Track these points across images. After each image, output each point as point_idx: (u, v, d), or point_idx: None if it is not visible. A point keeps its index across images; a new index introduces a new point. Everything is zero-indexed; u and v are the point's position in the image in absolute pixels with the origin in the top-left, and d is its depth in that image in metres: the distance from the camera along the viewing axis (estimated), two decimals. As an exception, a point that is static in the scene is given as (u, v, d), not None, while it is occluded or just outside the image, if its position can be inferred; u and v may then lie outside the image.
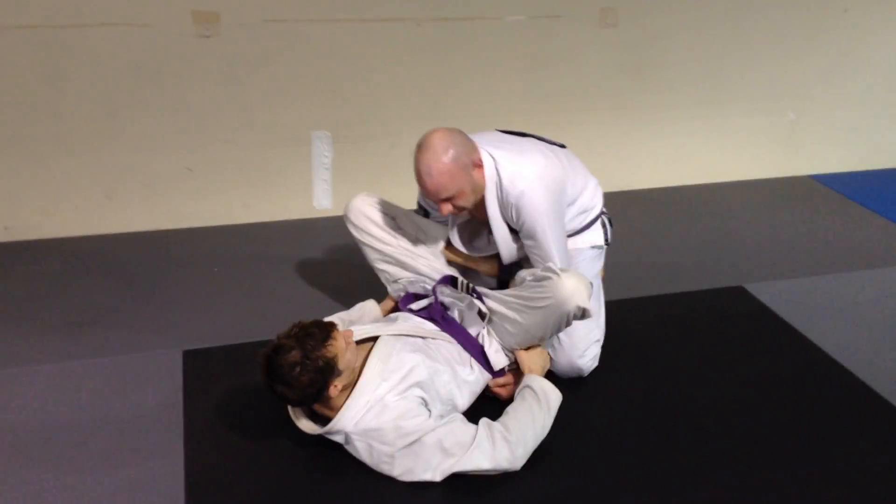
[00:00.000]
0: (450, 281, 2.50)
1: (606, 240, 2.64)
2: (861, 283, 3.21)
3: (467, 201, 2.32)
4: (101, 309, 2.93)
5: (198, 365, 2.60)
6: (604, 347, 2.67)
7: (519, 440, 2.11)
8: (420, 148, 2.27)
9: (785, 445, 2.31)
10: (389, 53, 3.46)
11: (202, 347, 2.70)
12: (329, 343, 2.07)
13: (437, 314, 2.39)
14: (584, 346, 2.50)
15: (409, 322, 2.37)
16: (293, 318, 2.61)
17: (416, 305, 2.49)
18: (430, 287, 2.51)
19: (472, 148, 2.30)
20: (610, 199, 3.85)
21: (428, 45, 3.49)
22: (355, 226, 2.61)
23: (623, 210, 3.80)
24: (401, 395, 2.14)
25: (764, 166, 4.15)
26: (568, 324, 2.29)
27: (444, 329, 2.36)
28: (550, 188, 2.35)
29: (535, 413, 2.17)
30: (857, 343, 2.79)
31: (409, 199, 2.85)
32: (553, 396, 2.24)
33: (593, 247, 2.60)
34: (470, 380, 2.32)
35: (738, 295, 3.08)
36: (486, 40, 3.54)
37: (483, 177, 2.32)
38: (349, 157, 3.59)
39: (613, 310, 2.90)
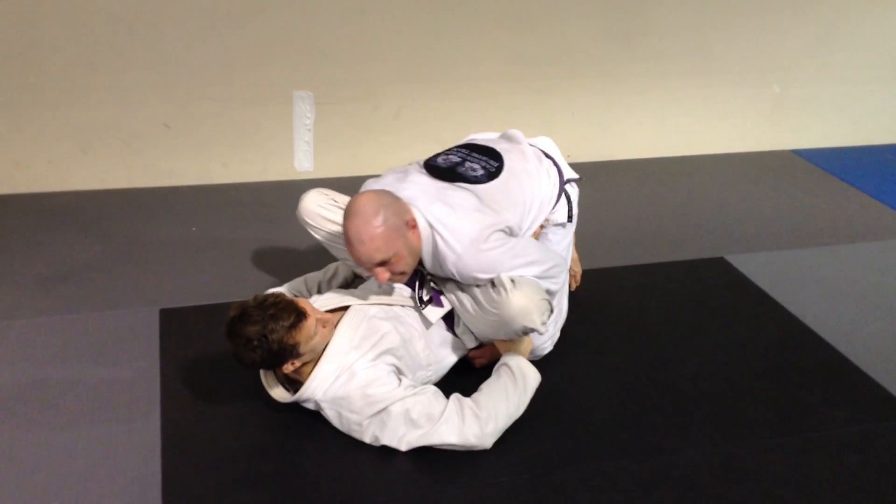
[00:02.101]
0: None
1: (570, 216, 2.50)
2: (841, 256, 3.23)
3: (406, 265, 2.13)
4: (76, 265, 2.87)
5: (175, 324, 2.57)
6: (585, 315, 2.67)
7: (489, 417, 2.08)
8: (348, 215, 2.08)
9: (762, 413, 2.33)
10: (374, 12, 3.40)
11: (179, 306, 2.66)
12: (295, 330, 2.02)
13: (413, 283, 2.32)
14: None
15: (385, 289, 2.32)
16: (271, 280, 2.60)
17: None
18: None
19: (404, 208, 2.12)
20: (593, 168, 3.89)
21: (414, 4, 3.42)
22: (315, 228, 2.41)
23: (606, 179, 3.80)
24: (371, 362, 2.11)
25: (746, 140, 4.15)
26: (519, 336, 2.19)
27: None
28: (492, 244, 2.15)
29: (508, 391, 2.14)
30: (836, 315, 2.81)
31: (390, 162, 2.81)
32: (531, 376, 2.18)
33: (556, 224, 2.49)
34: (448, 342, 2.30)
35: (719, 266, 3.09)
36: (473, 1, 3.49)
37: (419, 238, 2.14)
38: (331, 119, 3.53)
39: (595, 278, 2.90)
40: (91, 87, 3.23)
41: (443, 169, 2.29)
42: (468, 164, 2.31)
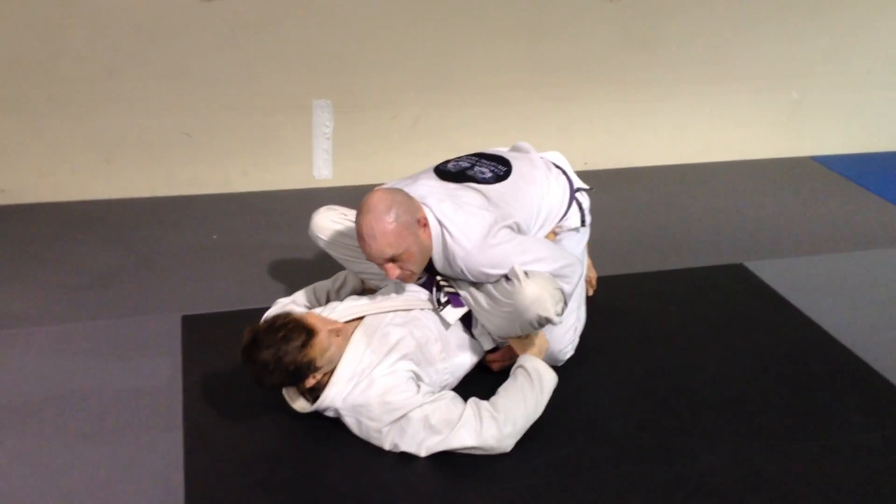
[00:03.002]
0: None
1: (583, 221, 2.53)
2: (861, 263, 3.22)
3: (415, 264, 2.17)
4: (98, 273, 2.91)
5: (197, 330, 2.59)
6: (604, 322, 2.67)
7: (507, 419, 2.09)
8: (361, 211, 2.12)
9: (782, 418, 2.32)
10: (393, 21, 3.43)
11: (201, 313, 2.68)
12: (308, 348, 2.04)
13: (431, 286, 2.35)
14: (559, 333, 2.41)
15: (402, 295, 2.34)
16: (291, 286, 2.63)
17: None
18: None
19: (415, 207, 2.17)
20: (612, 175, 3.90)
21: (431, 13, 3.45)
22: (327, 242, 2.46)
23: (625, 186, 3.80)
24: (389, 368, 2.13)
25: (765, 146, 4.14)
26: (534, 328, 2.18)
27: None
28: (500, 239, 2.19)
29: (525, 393, 2.15)
30: (856, 321, 2.79)
31: (409, 171, 2.82)
32: (547, 377, 2.20)
33: (570, 230, 2.51)
34: (466, 344, 2.30)
35: (738, 272, 3.08)
36: (491, 9, 3.51)
37: (429, 237, 2.18)
38: (350, 127, 3.56)
39: (614, 285, 2.91)
40: (113, 98, 3.27)
41: (452, 173, 2.35)
42: (477, 168, 2.38)
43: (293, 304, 2.47)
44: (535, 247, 2.25)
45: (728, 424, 2.29)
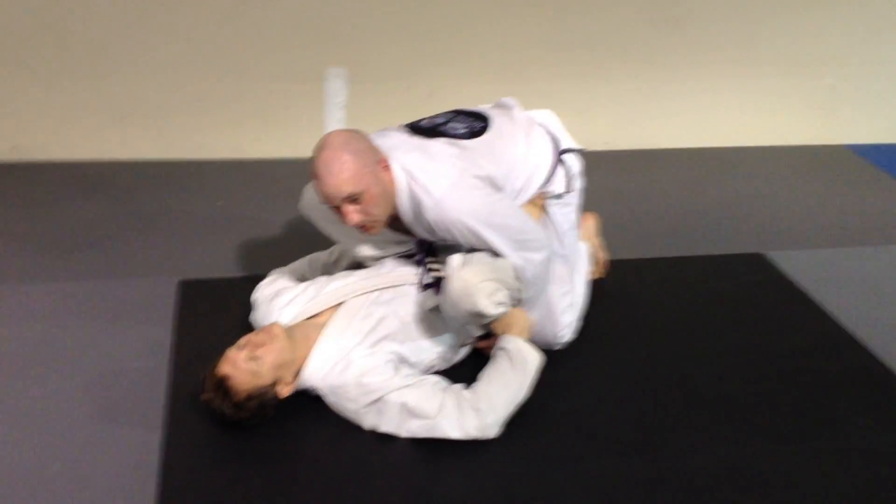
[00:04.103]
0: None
1: (568, 187, 2.35)
2: (889, 258, 3.07)
3: (377, 206, 2.04)
4: (100, 233, 2.90)
5: (192, 295, 2.57)
6: (610, 307, 2.59)
7: (490, 408, 2.01)
8: (317, 149, 2.03)
9: (783, 418, 2.21)
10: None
11: (198, 278, 2.65)
12: (264, 395, 2.00)
13: (422, 264, 2.26)
14: (557, 312, 2.32)
15: (395, 271, 2.25)
16: (291, 256, 2.57)
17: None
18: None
19: (375, 149, 2.06)
20: (632, 156, 3.79)
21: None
22: (317, 219, 2.35)
23: (645, 169, 3.68)
24: (369, 349, 2.07)
25: (797, 132, 3.99)
26: (477, 322, 2.09)
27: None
28: (472, 186, 2.08)
29: (507, 377, 2.07)
30: (877, 319, 2.66)
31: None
32: (530, 358, 2.10)
33: (554, 196, 2.33)
34: (454, 326, 2.21)
35: (757, 262, 2.96)
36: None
37: (391, 181, 2.06)
38: (364, 97, 3.48)
39: (626, 269, 2.81)
40: (126, 60, 3.25)
41: (424, 128, 2.23)
42: (451, 124, 2.25)
43: (287, 274, 2.43)
44: (505, 207, 2.13)
45: (722, 422, 2.18)
